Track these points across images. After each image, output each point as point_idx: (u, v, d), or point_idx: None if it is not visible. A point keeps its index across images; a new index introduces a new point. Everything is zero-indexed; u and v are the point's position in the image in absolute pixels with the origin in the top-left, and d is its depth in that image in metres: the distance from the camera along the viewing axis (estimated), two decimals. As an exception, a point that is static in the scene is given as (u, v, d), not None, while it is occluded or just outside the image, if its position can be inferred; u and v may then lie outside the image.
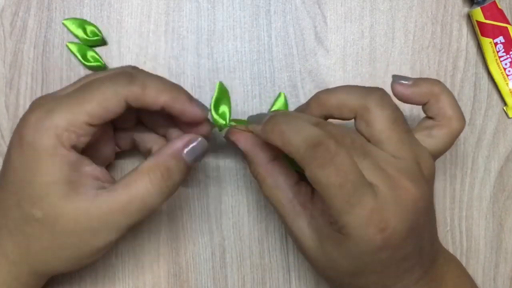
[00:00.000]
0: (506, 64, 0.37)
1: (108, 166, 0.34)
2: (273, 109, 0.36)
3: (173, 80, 0.36)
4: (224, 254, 0.36)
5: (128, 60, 0.37)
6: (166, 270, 0.36)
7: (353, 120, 0.29)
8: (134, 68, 0.30)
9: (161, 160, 0.28)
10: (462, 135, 0.37)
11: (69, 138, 0.26)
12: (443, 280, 0.29)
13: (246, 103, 0.36)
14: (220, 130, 0.33)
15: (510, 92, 0.37)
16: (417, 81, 0.30)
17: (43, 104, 0.27)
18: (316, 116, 0.29)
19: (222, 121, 0.32)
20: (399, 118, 0.28)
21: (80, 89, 0.28)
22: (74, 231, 0.27)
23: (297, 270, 0.36)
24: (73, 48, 0.36)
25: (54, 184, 0.26)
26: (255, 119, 0.29)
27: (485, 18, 0.36)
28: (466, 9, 0.38)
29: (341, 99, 0.28)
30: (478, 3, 0.37)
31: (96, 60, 0.36)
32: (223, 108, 0.33)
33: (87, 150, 0.29)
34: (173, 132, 0.32)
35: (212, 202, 0.36)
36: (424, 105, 0.30)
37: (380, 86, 0.29)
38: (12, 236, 0.28)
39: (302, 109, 0.31)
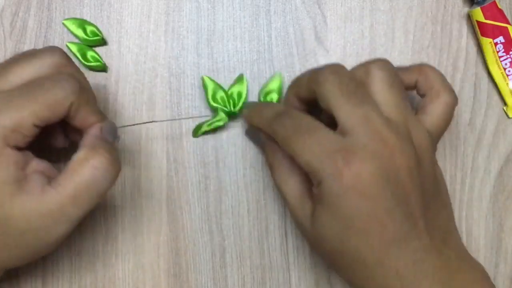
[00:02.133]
0: (506, 64, 0.37)
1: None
2: (266, 89, 0.36)
3: (173, 80, 0.36)
4: (224, 254, 0.36)
5: (128, 60, 0.37)
6: (166, 270, 0.36)
7: None
8: (62, 55, 0.29)
9: (92, 144, 0.28)
10: (462, 135, 0.37)
11: (15, 139, 0.26)
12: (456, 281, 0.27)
13: (246, 103, 0.36)
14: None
15: (510, 92, 0.37)
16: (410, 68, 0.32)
17: None
18: None
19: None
20: (396, 82, 0.29)
21: (27, 87, 0.27)
22: (27, 229, 0.26)
23: (297, 270, 0.36)
24: (73, 48, 0.36)
25: (1, 185, 0.26)
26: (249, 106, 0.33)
27: (485, 18, 0.36)
28: (466, 9, 0.38)
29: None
30: (478, 3, 0.37)
31: (96, 60, 0.36)
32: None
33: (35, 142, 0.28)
34: None
35: (212, 202, 0.36)
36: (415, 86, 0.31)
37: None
38: None
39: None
